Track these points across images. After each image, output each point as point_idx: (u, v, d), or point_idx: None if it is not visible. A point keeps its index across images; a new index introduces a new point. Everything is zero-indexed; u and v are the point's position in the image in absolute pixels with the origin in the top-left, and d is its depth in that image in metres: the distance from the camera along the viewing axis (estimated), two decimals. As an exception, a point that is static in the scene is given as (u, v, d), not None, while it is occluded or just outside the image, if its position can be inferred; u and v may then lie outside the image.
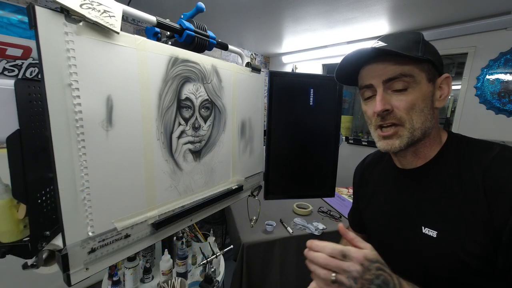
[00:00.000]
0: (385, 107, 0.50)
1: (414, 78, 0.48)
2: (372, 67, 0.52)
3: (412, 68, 0.48)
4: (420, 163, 0.55)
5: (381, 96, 0.50)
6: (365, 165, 0.76)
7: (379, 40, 0.53)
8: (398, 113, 0.50)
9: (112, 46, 0.54)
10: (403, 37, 0.51)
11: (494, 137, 1.78)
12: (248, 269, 1.31)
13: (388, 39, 0.51)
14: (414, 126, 0.50)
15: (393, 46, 0.49)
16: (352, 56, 0.52)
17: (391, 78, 0.49)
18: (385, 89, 0.51)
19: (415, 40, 0.50)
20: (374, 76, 0.51)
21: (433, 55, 0.50)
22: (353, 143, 2.72)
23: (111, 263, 0.59)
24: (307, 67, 3.08)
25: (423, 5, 1.65)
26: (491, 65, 1.80)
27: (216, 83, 0.85)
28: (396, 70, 0.49)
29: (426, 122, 0.50)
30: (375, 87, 0.52)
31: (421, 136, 0.51)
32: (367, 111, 0.56)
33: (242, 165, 1.02)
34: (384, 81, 0.50)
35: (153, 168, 0.66)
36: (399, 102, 0.49)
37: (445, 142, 0.54)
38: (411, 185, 0.57)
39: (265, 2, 1.68)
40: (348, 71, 0.57)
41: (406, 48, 0.48)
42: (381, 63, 0.50)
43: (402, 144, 0.51)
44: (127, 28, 2.07)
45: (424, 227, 0.51)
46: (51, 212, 0.53)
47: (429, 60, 0.49)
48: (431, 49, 0.51)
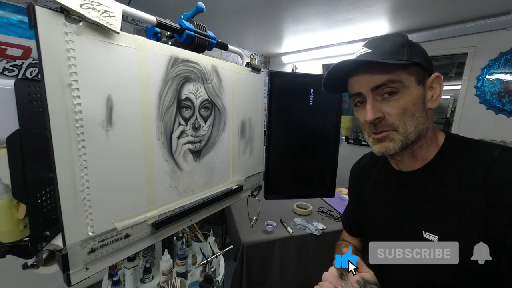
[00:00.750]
0: (376, 115, 0.50)
1: (402, 83, 0.48)
2: (359, 75, 0.52)
3: (400, 74, 0.48)
4: (418, 166, 0.55)
5: (371, 105, 0.50)
6: (361, 166, 0.74)
7: (363, 46, 0.52)
8: (390, 119, 0.49)
9: (112, 46, 0.54)
10: (387, 42, 0.50)
11: (494, 137, 1.78)
12: (248, 269, 1.31)
13: (372, 45, 0.51)
14: (408, 130, 0.49)
15: (378, 52, 0.49)
16: (337, 68, 0.52)
17: (379, 85, 0.49)
18: (375, 96, 0.50)
19: (399, 43, 0.49)
20: (363, 84, 0.51)
21: (420, 57, 0.49)
22: (353, 143, 2.72)
23: (111, 263, 0.59)
24: (307, 67, 3.08)
25: (423, 5, 1.65)
26: (491, 65, 1.80)
27: (216, 83, 0.85)
28: (383, 77, 0.48)
29: (420, 125, 0.50)
30: (364, 95, 0.51)
31: (416, 139, 0.50)
32: (359, 118, 0.55)
33: (242, 165, 1.02)
34: (372, 89, 0.50)
35: (153, 168, 0.66)
36: (390, 109, 0.49)
37: (443, 143, 0.53)
38: (410, 188, 0.56)
39: (265, 2, 1.68)
40: (336, 81, 0.57)
41: (392, 53, 0.48)
42: (368, 72, 0.50)
43: (397, 147, 0.50)
44: (127, 28, 2.07)
45: (425, 232, 0.50)
46: (51, 212, 0.53)
47: (416, 63, 0.48)
48: (417, 51, 0.50)
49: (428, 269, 0.50)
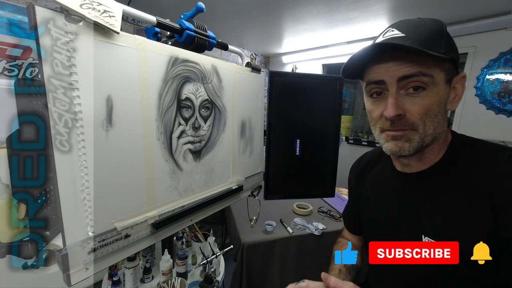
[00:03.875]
0: (398, 112, 0.44)
1: (433, 78, 0.42)
2: (385, 62, 0.45)
3: (433, 67, 0.42)
4: (422, 168, 0.52)
5: (395, 99, 0.44)
6: (362, 164, 0.72)
7: (393, 28, 0.45)
8: (411, 118, 0.44)
9: (112, 46, 0.54)
10: (424, 26, 0.43)
11: (494, 137, 1.78)
12: (248, 269, 1.30)
13: (405, 28, 0.44)
14: (427, 132, 0.45)
15: (413, 37, 0.42)
16: (363, 52, 0.45)
17: (407, 76, 0.42)
18: (398, 89, 0.44)
19: (438, 31, 0.43)
20: (388, 72, 0.44)
21: (456, 52, 0.44)
22: (353, 143, 2.72)
23: (111, 263, 0.59)
24: (307, 67, 3.08)
25: (423, 5, 1.65)
26: (491, 65, 1.80)
27: (216, 83, 0.85)
28: (414, 67, 0.42)
29: (438, 128, 0.46)
30: (387, 84, 0.45)
31: (431, 142, 0.47)
32: (373, 112, 0.49)
33: (242, 165, 1.02)
34: (399, 79, 0.43)
35: (153, 168, 0.66)
36: (413, 106, 0.43)
37: (449, 144, 0.50)
38: (411, 190, 0.54)
39: (265, 2, 1.68)
40: (356, 66, 0.50)
41: (429, 42, 0.41)
42: (397, 59, 0.43)
43: (412, 148, 0.46)
44: (127, 28, 2.07)
45: (424, 236, 0.49)
46: (51, 212, 0.53)
47: (452, 58, 0.42)
48: (453, 45, 0.44)
49: (426, 273, 0.50)
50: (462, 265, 0.44)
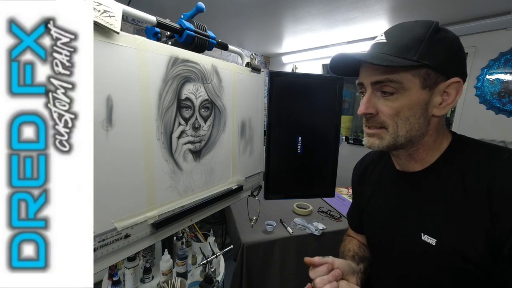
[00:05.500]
0: (368, 110, 0.49)
1: (402, 84, 0.45)
2: (365, 67, 0.51)
3: (402, 74, 0.45)
4: (418, 168, 0.53)
5: (367, 99, 0.50)
6: (364, 164, 0.73)
7: (383, 33, 0.50)
8: (382, 117, 0.49)
9: (112, 46, 0.54)
10: (409, 32, 0.46)
11: (494, 137, 1.78)
12: (248, 269, 1.31)
13: (392, 33, 0.48)
14: (398, 132, 0.48)
15: (391, 44, 0.46)
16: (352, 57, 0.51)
17: (378, 82, 0.47)
18: (374, 91, 0.49)
19: (418, 37, 0.44)
20: (366, 76, 0.50)
21: (438, 57, 0.44)
22: (353, 143, 2.72)
23: (111, 263, 0.59)
24: (307, 67, 3.09)
25: (423, 5, 1.65)
26: (491, 65, 1.80)
27: (216, 83, 0.85)
28: (382, 74, 0.46)
29: (413, 131, 0.48)
30: (365, 87, 0.51)
31: (406, 143, 0.49)
32: None
33: (242, 165, 1.02)
34: (372, 83, 0.49)
35: (153, 168, 0.66)
36: (384, 107, 0.48)
37: (447, 147, 0.51)
38: (411, 189, 0.55)
39: (265, 2, 1.68)
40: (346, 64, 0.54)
41: (404, 49, 0.44)
42: (372, 65, 0.48)
43: (382, 145, 0.50)
44: (127, 28, 2.07)
45: (424, 234, 0.50)
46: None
47: (425, 64, 0.44)
48: (439, 49, 0.44)
49: (425, 271, 0.50)
50: (459, 264, 0.44)
